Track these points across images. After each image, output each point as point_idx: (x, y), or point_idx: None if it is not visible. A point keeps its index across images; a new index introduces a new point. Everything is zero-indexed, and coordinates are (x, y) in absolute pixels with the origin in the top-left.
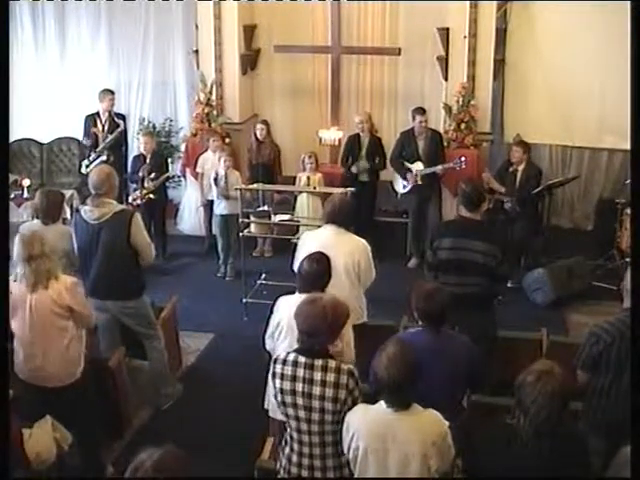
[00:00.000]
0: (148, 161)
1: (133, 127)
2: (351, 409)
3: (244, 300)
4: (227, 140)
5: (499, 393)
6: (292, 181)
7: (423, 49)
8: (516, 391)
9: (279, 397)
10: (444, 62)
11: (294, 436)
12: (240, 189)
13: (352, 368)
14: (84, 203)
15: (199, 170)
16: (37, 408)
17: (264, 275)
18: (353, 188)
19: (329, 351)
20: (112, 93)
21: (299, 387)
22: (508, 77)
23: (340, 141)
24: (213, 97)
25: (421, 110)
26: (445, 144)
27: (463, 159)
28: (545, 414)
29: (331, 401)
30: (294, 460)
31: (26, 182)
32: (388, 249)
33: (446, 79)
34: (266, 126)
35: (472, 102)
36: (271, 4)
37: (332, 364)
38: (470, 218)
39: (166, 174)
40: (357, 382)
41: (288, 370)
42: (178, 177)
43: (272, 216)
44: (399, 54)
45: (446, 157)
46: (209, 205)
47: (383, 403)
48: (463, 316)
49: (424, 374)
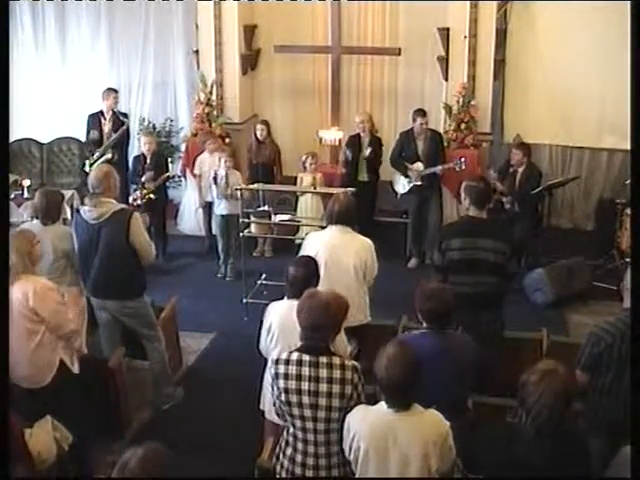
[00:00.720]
0: (148, 161)
1: (133, 127)
2: (356, 404)
3: (244, 300)
4: (227, 140)
5: (499, 393)
6: (292, 181)
7: (423, 49)
8: (519, 390)
9: (283, 397)
10: (444, 62)
11: (299, 436)
12: (240, 189)
13: (355, 363)
14: (83, 203)
15: (196, 172)
16: (25, 407)
17: (264, 275)
18: (353, 188)
19: (331, 348)
20: (115, 92)
21: (305, 386)
22: (508, 77)
23: (340, 141)
24: (213, 97)
25: (422, 112)
26: (445, 144)
27: (463, 159)
28: (547, 413)
29: (338, 397)
30: (298, 460)
31: (26, 182)
32: (388, 249)
33: (446, 79)
34: (266, 126)
35: (472, 102)
36: (271, 4)
37: (337, 360)
38: (477, 217)
39: (166, 174)
40: (360, 377)
41: (292, 369)
42: (178, 177)
43: (272, 216)
44: (399, 54)
45: (446, 157)
46: (208, 206)
47: (384, 404)
48: (474, 315)
49: (431, 376)
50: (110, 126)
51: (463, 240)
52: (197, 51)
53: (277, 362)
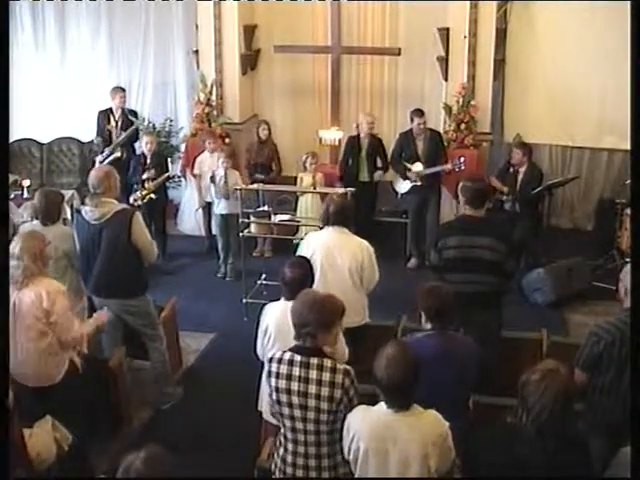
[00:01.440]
0: (149, 161)
1: None
2: (347, 408)
3: (244, 300)
4: (227, 140)
5: (499, 393)
6: (292, 181)
7: (423, 49)
8: (520, 389)
9: (274, 396)
10: (444, 62)
11: (289, 436)
12: (240, 189)
13: (348, 368)
14: (84, 203)
15: (196, 172)
16: (26, 406)
17: (264, 275)
18: (353, 188)
19: (324, 350)
20: (123, 90)
21: (294, 386)
22: (508, 77)
23: (340, 141)
24: (213, 97)
25: (419, 112)
26: (445, 144)
27: (462, 160)
28: (548, 413)
29: (327, 400)
30: (289, 460)
31: (26, 182)
32: (388, 249)
33: (446, 79)
34: (268, 126)
35: (472, 102)
36: (271, 4)
37: (328, 363)
38: (474, 216)
39: (166, 174)
40: (353, 381)
41: (283, 369)
42: (178, 177)
43: (272, 216)
44: (399, 54)
45: (447, 157)
46: (208, 206)
47: (383, 404)
48: (471, 314)
49: (434, 378)
50: (120, 124)
51: (459, 238)
52: (197, 51)
53: (270, 360)
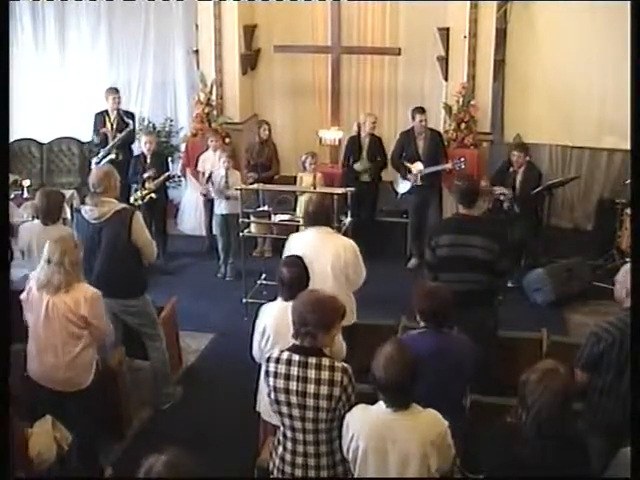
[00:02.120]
0: (149, 161)
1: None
2: (345, 407)
3: (244, 300)
4: (227, 140)
5: (499, 393)
6: (292, 181)
7: (423, 49)
8: (519, 389)
9: (272, 395)
10: (444, 62)
11: (287, 434)
12: (240, 189)
13: (346, 366)
14: (84, 202)
15: (199, 169)
16: (46, 410)
17: (264, 275)
18: (353, 188)
19: (322, 349)
20: (117, 91)
21: (293, 385)
22: (508, 77)
23: (340, 141)
24: (213, 97)
25: (420, 109)
26: (445, 144)
27: (463, 160)
28: (547, 413)
29: (325, 399)
30: (287, 459)
31: (26, 182)
32: (388, 249)
33: (446, 79)
34: (269, 127)
35: (472, 102)
36: (271, 4)
37: (326, 362)
38: (467, 214)
39: (166, 174)
40: (351, 379)
41: (282, 368)
42: (178, 177)
43: (272, 216)
44: (399, 54)
45: (448, 156)
46: (209, 206)
47: (382, 403)
48: (464, 313)
49: (427, 376)
50: (115, 126)
51: (452, 237)
52: (197, 51)
53: (269, 360)
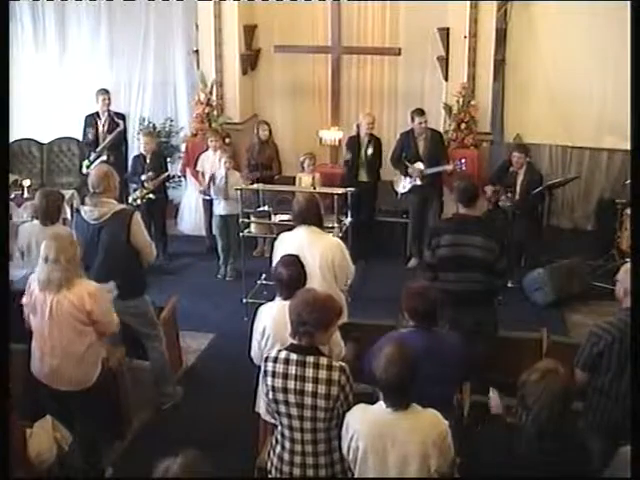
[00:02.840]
0: (148, 161)
1: (133, 127)
2: (343, 406)
3: (244, 300)
4: (227, 140)
5: (499, 393)
6: (292, 181)
7: (423, 49)
8: (519, 389)
9: (271, 395)
10: (444, 62)
11: (286, 434)
12: (240, 189)
13: (344, 365)
14: (83, 203)
15: (199, 169)
16: (49, 409)
17: (264, 275)
18: (353, 188)
19: (320, 348)
20: (107, 92)
21: (291, 384)
22: (508, 77)
23: (340, 141)
24: (213, 97)
25: (420, 111)
26: (446, 144)
27: (464, 161)
28: (547, 413)
29: (323, 398)
30: (286, 458)
31: (26, 182)
32: (388, 249)
33: (446, 79)
34: (269, 127)
35: (472, 102)
36: (271, 4)
37: (324, 361)
38: (467, 214)
39: (166, 174)
40: (349, 378)
41: (280, 368)
42: (178, 177)
43: (272, 216)
44: (399, 54)
45: (448, 156)
46: (209, 206)
47: (382, 403)
48: (464, 313)
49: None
50: (106, 127)
51: (452, 237)
52: (197, 51)
53: (266, 360)
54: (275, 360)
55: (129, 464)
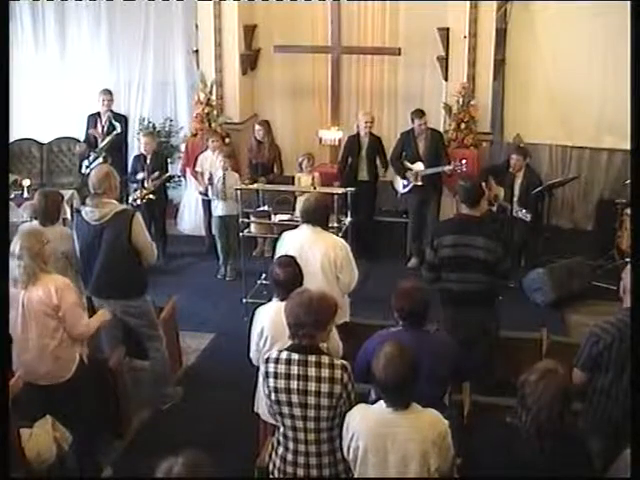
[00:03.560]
0: (148, 161)
1: (133, 127)
2: (345, 404)
3: (244, 300)
4: (227, 140)
5: (499, 393)
6: (292, 181)
7: (423, 49)
8: (519, 389)
9: (273, 396)
10: (444, 62)
11: (289, 435)
12: (239, 189)
13: (345, 363)
14: (84, 203)
15: (198, 169)
16: (33, 406)
17: (264, 275)
18: (353, 188)
19: (320, 347)
20: (109, 93)
21: (294, 385)
22: (508, 77)
23: (340, 141)
24: (213, 97)
25: (420, 112)
26: (446, 144)
27: (464, 162)
28: (547, 413)
29: (327, 396)
30: (289, 459)
31: (26, 182)
32: (388, 249)
33: (446, 79)
34: (264, 127)
35: (472, 102)
36: (271, 4)
37: (325, 360)
38: (470, 215)
39: (166, 174)
40: (350, 376)
41: (282, 368)
42: (178, 177)
43: (272, 216)
44: (399, 54)
45: (449, 156)
46: (208, 206)
47: (382, 403)
48: (466, 313)
49: None
50: (106, 128)
51: (455, 237)
52: (197, 51)
53: (267, 361)
54: (276, 361)
55: (129, 464)
